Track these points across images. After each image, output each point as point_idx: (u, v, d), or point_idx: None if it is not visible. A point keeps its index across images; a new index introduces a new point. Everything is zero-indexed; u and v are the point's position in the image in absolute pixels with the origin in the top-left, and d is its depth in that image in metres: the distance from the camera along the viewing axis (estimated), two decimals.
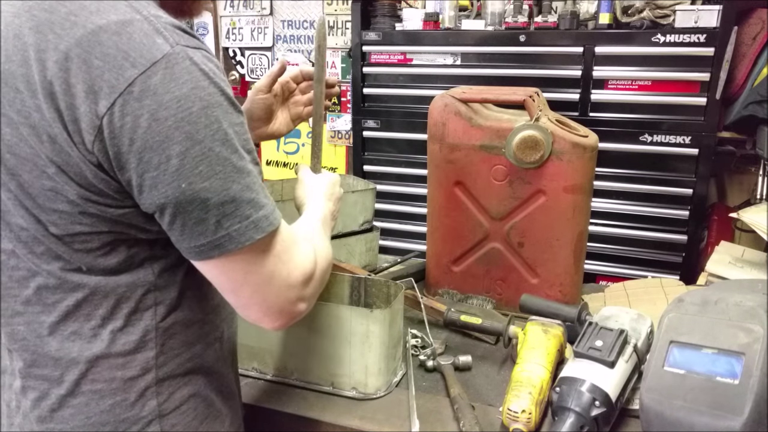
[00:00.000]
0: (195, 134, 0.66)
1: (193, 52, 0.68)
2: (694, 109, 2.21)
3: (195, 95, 0.66)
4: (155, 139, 0.65)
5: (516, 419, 0.98)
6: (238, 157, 0.70)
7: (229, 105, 0.70)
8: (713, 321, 0.94)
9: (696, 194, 2.26)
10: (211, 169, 0.68)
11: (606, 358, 1.00)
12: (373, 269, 1.65)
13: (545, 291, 1.42)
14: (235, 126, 0.70)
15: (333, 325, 1.11)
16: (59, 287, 0.74)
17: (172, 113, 0.65)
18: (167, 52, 0.66)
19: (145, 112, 0.64)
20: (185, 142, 0.66)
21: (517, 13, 2.38)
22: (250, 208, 0.71)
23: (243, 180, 0.70)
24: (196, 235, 0.70)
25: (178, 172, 0.66)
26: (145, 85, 0.64)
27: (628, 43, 2.24)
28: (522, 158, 1.34)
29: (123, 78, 0.64)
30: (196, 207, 0.68)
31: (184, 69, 0.66)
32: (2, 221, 0.74)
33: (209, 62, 0.70)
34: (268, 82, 1.17)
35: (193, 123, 0.66)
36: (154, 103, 0.64)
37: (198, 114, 0.66)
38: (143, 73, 0.64)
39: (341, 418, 1.07)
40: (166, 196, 0.67)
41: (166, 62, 0.65)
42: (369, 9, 2.66)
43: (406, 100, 2.61)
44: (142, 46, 0.65)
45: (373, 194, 1.63)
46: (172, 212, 0.69)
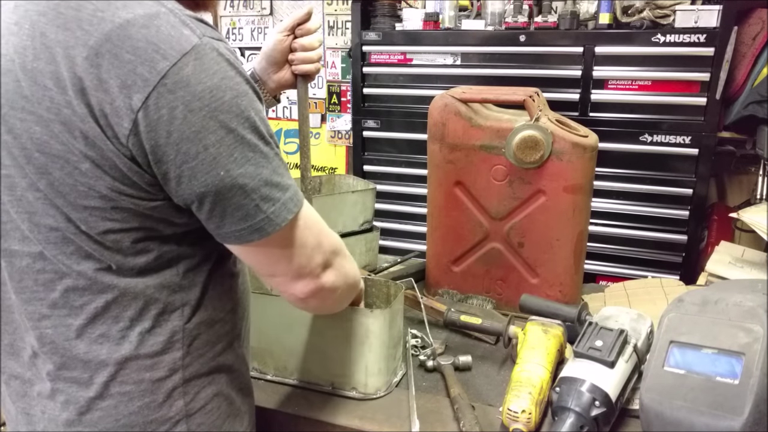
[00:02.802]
0: (228, 123, 0.68)
1: (217, 44, 0.70)
2: (694, 109, 2.21)
3: (225, 85, 0.68)
4: (192, 130, 0.67)
5: (516, 419, 0.98)
6: (264, 143, 0.73)
7: (254, 94, 0.73)
8: (713, 321, 0.94)
9: (696, 194, 2.26)
10: (245, 156, 0.70)
11: (606, 358, 1.00)
12: (373, 269, 1.65)
13: (545, 291, 1.42)
14: (260, 113, 0.73)
15: (333, 325, 1.11)
16: (88, 288, 0.74)
17: (206, 103, 0.67)
18: (196, 44, 0.67)
19: (179, 104, 0.66)
20: (220, 131, 0.68)
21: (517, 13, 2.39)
22: (279, 190, 0.74)
23: (271, 164, 0.73)
24: (237, 220, 0.72)
25: (216, 161, 0.68)
26: (177, 77, 0.65)
27: (628, 43, 2.24)
28: (522, 158, 1.34)
29: (155, 71, 0.65)
30: (236, 193, 0.71)
31: (213, 60, 0.68)
32: (30, 223, 0.73)
33: (231, 53, 0.72)
34: (292, 25, 1.12)
35: (226, 112, 0.68)
36: (188, 95, 0.66)
37: (229, 103, 0.68)
38: (175, 64, 0.65)
39: (341, 418, 1.07)
40: (206, 184, 0.69)
41: (196, 53, 0.66)
42: (369, 9, 2.66)
43: (406, 100, 2.61)
44: (171, 38, 0.66)
45: (373, 194, 1.64)
46: (212, 200, 0.71)
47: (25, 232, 0.73)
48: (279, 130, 3.46)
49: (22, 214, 0.73)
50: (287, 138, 3.45)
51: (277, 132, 3.46)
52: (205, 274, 0.82)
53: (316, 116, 3.29)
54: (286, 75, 1.15)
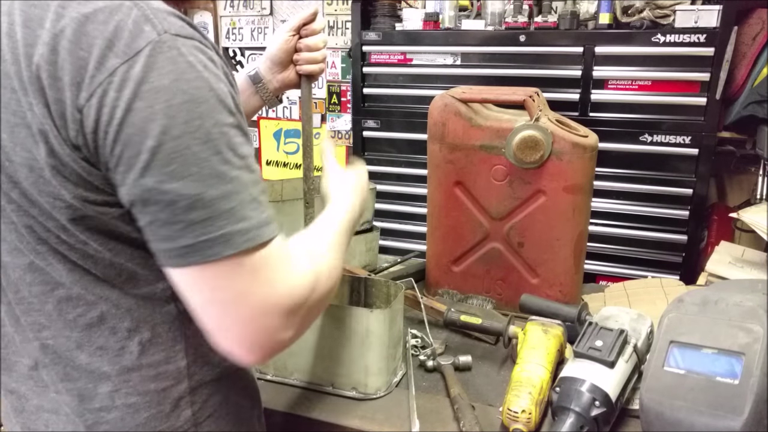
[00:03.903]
0: (170, 129, 0.61)
1: (183, 42, 0.63)
2: (694, 109, 2.21)
3: (176, 88, 0.61)
4: (127, 132, 0.61)
5: (516, 419, 0.98)
6: (221, 161, 0.63)
7: (218, 102, 0.64)
8: (713, 321, 0.94)
9: (696, 194, 2.26)
10: (185, 170, 0.61)
11: (606, 358, 1.00)
12: (373, 269, 1.65)
13: (545, 291, 1.42)
14: (222, 126, 0.64)
15: (333, 325, 1.11)
16: (81, 299, 0.72)
17: (147, 104, 0.60)
18: (152, 40, 0.61)
19: (121, 103, 0.60)
20: (160, 136, 0.60)
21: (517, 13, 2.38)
22: (224, 219, 0.63)
23: (222, 186, 0.63)
24: (162, 238, 0.64)
25: (146, 168, 0.61)
26: (125, 75, 0.60)
27: (628, 43, 2.24)
28: (522, 158, 1.34)
29: (105, 68, 0.60)
30: (163, 208, 0.62)
31: (169, 59, 0.61)
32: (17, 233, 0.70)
33: (201, 54, 0.65)
34: (297, 25, 1.11)
35: (171, 117, 0.61)
36: (131, 94, 0.60)
37: (177, 108, 0.61)
38: (125, 62, 0.60)
39: (341, 418, 1.07)
40: (132, 192, 0.63)
41: (150, 51, 0.61)
42: (369, 9, 2.66)
43: (406, 100, 2.61)
44: (128, 35, 0.61)
45: (373, 194, 1.63)
46: (139, 210, 0.64)
47: (14, 243, 0.70)
48: (279, 131, 3.46)
49: (8, 225, 0.70)
50: (287, 138, 3.45)
51: (277, 132, 3.46)
52: None
53: (316, 116, 3.29)
54: (290, 75, 1.15)
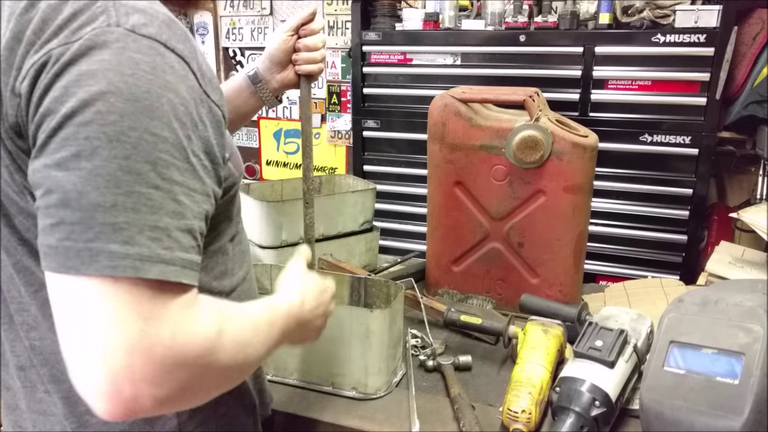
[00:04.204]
0: (78, 113, 0.56)
1: (135, 38, 0.59)
2: (694, 109, 2.21)
3: (104, 77, 0.56)
4: (41, 112, 0.58)
5: (516, 419, 0.98)
6: (126, 169, 0.56)
7: (156, 111, 0.58)
8: (713, 321, 0.94)
9: (696, 194, 2.26)
10: (75, 162, 0.55)
11: (606, 358, 1.00)
12: (373, 269, 1.65)
13: (545, 291, 1.42)
14: (152, 137, 0.57)
15: (333, 325, 1.11)
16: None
17: (64, 84, 0.57)
18: (97, 29, 0.58)
19: (42, 84, 0.58)
20: (62, 119, 0.56)
21: (517, 13, 2.38)
22: (99, 232, 0.55)
23: (113, 195, 0.55)
24: (39, 230, 0.58)
25: (41, 148, 0.57)
26: (57, 58, 0.57)
27: (628, 43, 2.24)
28: (522, 158, 1.34)
29: (42, 50, 0.58)
30: (42, 196, 0.57)
31: (111, 51, 0.57)
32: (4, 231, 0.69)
33: (158, 56, 0.59)
34: (296, 25, 1.11)
35: (84, 102, 0.56)
36: (53, 74, 0.57)
37: (95, 95, 0.56)
38: (62, 45, 0.57)
39: (341, 418, 1.07)
40: (30, 173, 0.59)
41: (91, 37, 0.57)
42: (369, 9, 2.66)
43: (406, 100, 2.60)
44: (78, 23, 0.58)
45: (373, 194, 1.64)
46: (37, 193, 0.58)
47: (4, 241, 0.70)
48: (279, 131, 3.46)
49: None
50: (287, 138, 3.45)
51: (277, 132, 3.46)
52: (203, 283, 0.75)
53: (316, 116, 3.29)
54: (289, 75, 1.14)
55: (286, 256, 1.42)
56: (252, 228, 1.50)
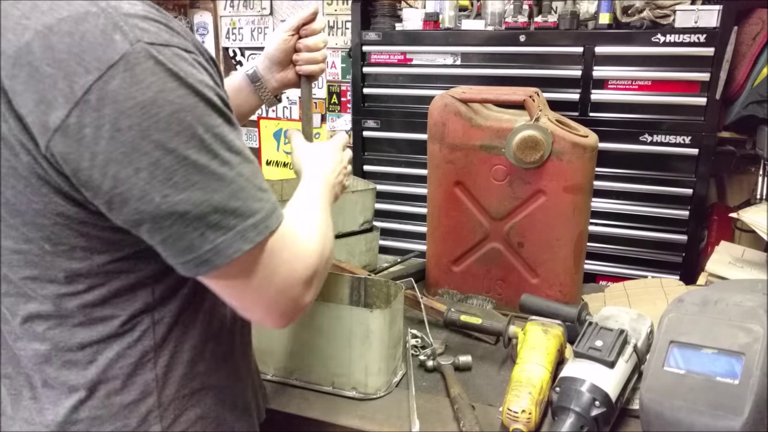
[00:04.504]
0: (166, 142, 0.60)
1: (159, 50, 0.61)
2: (694, 109, 2.21)
3: (162, 99, 0.60)
4: (120, 151, 0.59)
5: (516, 419, 0.98)
6: (220, 163, 0.63)
7: (206, 106, 0.63)
8: (713, 321, 0.94)
9: (696, 194, 2.26)
10: (188, 180, 0.61)
11: (606, 358, 1.00)
12: (373, 269, 1.65)
13: (545, 291, 1.42)
14: (214, 128, 0.64)
15: (333, 325, 1.11)
16: (53, 315, 0.71)
17: (136, 122, 0.59)
18: (126, 52, 0.58)
19: (105, 123, 0.58)
20: (155, 152, 0.60)
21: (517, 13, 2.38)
22: (235, 218, 0.64)
23: (228, 187, 0.64)
24: (180, 251, 0.64)
25: (150, 185, 0.60)
26: (102, 93, 0.58)
27: (628, 43, 2.24)
28: (522, 158, 1.34)
29: (77, 86, 0.58)
30: (175, 221, 0.62)
31: (147, 70, 0.59)
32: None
33: (180, 60, 0.62)
34: (297, 25, 1.10)
35: (163, 130, 0.60)
36: (115, 112, 0.58)
37: (167, 120, 0.60)
38: (99, 78, 0.58)
39: (341, 418, 1.07)
40: (140, 212, 0.62)
41: (126, 64, 0.58)
42: (369, 9, 2.66)
43: (406, 100, 2.60)
44: (98, 47, 0.58)
45: (373, 194, 1.63)
46: (149, 228, 0.63)
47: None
48: (279, 131, 3.46)
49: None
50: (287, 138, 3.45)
51: (277, 132, 3.46)
52: (183, 292, 0.76)
53: (316, 116, 3.29)
54: (289, 75, 1.14)
55: None
56: None
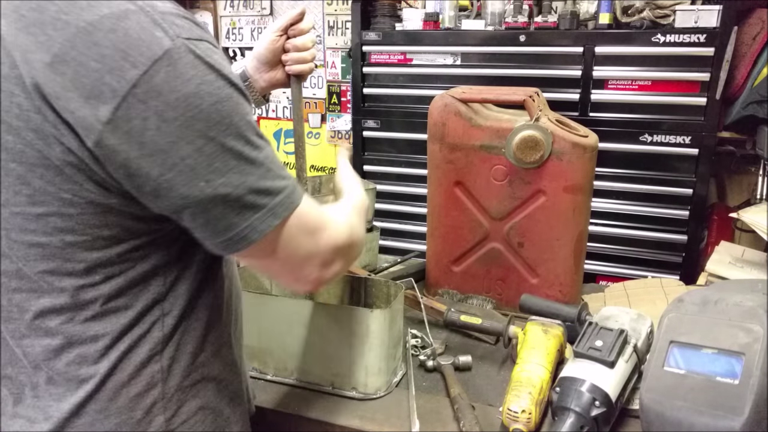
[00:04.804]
0: (207, 131, 0.65)
1: (195, 44, 0.65)
2: (694, 109, 2.21)
3: (203, 91, 0.64)
4: (167, 141, 0.63)
5: (516, 419, 0.98)
6: (251, 148, 0.69)
7: (239, 95, 0.69)
8: (713, 321, 0.94)
9: (696, 194, 2.26)
10: (226, 165, 0.67)
11: (606, 358, 1.00)
12: (373, 269, 1.65)
13: (545, 291, 1.42)
14: (245, 117, 0.69)
15: (333, 325, 1.11)
16: (68, 308, 0.71)
17: (180, 113, 0.63)
18: (168, 48, 0.62)
19: (151, 114, 0.62)
20: (198, 140, 0.64)
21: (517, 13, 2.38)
22: (267, 195, 0.71)
23: (258, 170, 0.70)
24: (220, 230, 0.70)
25: (195, 172, 0.65)
26: (148, 86, 0.61)
27: (628, 43, 2.24)
28: (522, 158, 1.34)
29: (124, 80, 0.61)
30: (217, 204, 0.68)
31: (189, 64, 0.63)
32: (7, 239, 0.69)
33: (214, 53, 0.67)
34: (285, 25, 1.11)
35: (204, 120, 0.64)
36: (161, 104, 0.62)
37: (208, 110, 0.65)
38: (146, 72, 0.61)
39: (341, 418, 1.07)
40: (185, 197, 0.66)
41: (169, 58, 0.62)
42: (369, 9, 2.66)
43: (406, 100, 2.60)
44: (141, 43, 0.62)
45: (373, 194, 1.63)
46: (192, 212, 0.68)
47: (2, 249, 0.70)
48: (279, 131, 3.45)
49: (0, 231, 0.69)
50: (287, 138, 3.45)
51: (277, 132, 3.46)
52: (189, 282, 0.78)
53: (316, 116, 3.29)
54: (277, 75, 1.14)
55: None
56: None
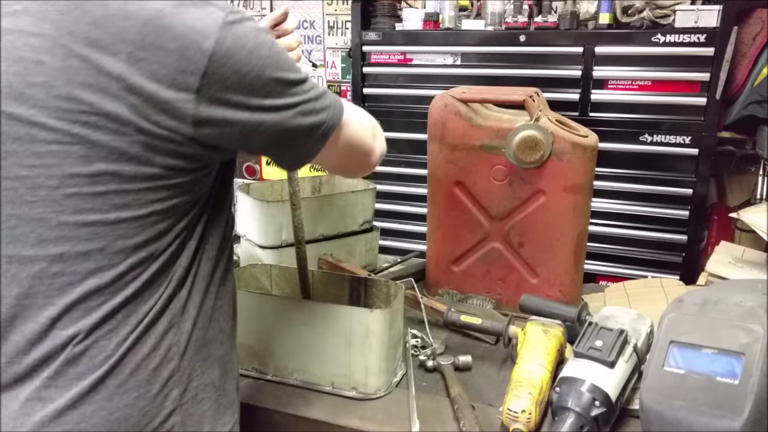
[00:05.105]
0: (273, 73, 0.76)
1: (234, 11, 0.75)
2: (694, 109, 2.21)
3: (259, 42, 0.75)
4: (247, 90, 0.74)
5: (516, 419, 0.98)
6: (296, 72, 0.81)
7: (272, 38, 0.79)
8: (713, 321, 0.94)
9: (696, 194, 2.26)
10: (295, 93, 0.80)
11: (606, 358, 1.00)
12: (373, 269, 1.65)
13: (545, 291, 1.42)
14: (285, 52, 0.80)
15: (333, 325, 1.11)
16: (111, 286, 0.74)
17: (253, 65, 0.74)
18: (224, 17, 0.73)
19: (230, 74, 0.72)
20: (271, 83, 0.76)
21: (517, 13, 2.39)
22: (324, 108, 0.84)
23: (313, 90, 0.83)
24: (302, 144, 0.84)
25: (277, 109, 0.78)
26: (222, 50, 0.71)
27: (628, 43, 2.24)
28: (522, 158, 1.34)
29: (201, 51, 0.70)
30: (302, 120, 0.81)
31: (241, 25, 0.74)
32: (58, 221, 0.71)
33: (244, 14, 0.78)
34: (268, 26, 1.13)
35: (269, 66, 0.76)
36: (236, 63, 0.72)
37: (266, 57, 0.76)
38: (216, 41, 0.71)
39: (341, 418, 1.07)
40: (275, 127, 0.79)
41: (228, 25, 0.72)
42: (369, 9, 2.66)
43: (406, 100, 2.61)
44: (205, 18, 0.71)
45: (373, 194, 1.64)
46: (282, 139, 0.81)
47: (42, 234, 0.72)
48: None
49: (48, 213, 0.71)
50: None
51: None
52: (208, 260, 0.83)
53: None
54: None
55: (286, 256, 1.42)
56: (252, 228, 1.50)
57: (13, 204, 0.71)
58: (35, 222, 0.71)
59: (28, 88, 0.69)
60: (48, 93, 0.68)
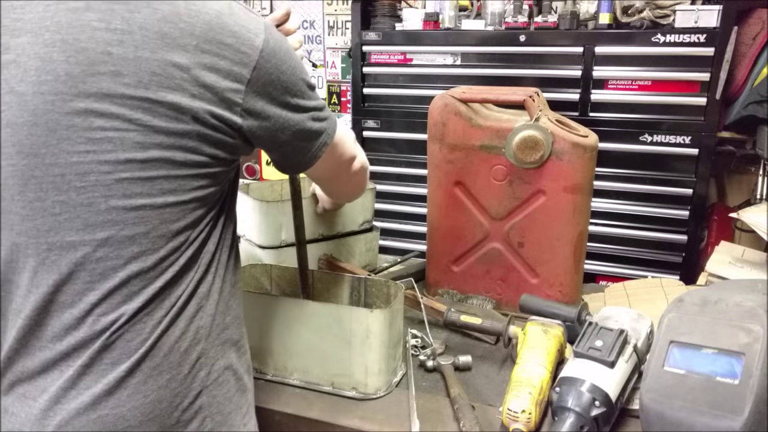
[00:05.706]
0: (301, 73, 0.86)
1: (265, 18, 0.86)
2: (694, 109, 2.22)
3: (289, 47, 0.85)
4: (283, 86, 0.83)
5: (516, 419, 0.98)
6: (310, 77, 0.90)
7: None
8: (713, 321, 0.94)
9: (696, 194, 2.26)
10: (312, 96, 0.89)
11: (606, 358, 1.00)
12: (373, 269, 1.65)
13: (545, 291, 1.42)
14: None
15: (333, 325, 1.11)
16: (152, 270, 0.76)
17: (289, 64, 0.83)
18: (264, 22, 0.83)
19: (273, 69, 0.81)
20: (299, 82, 0.85)
21: (517, 13, 2.39)
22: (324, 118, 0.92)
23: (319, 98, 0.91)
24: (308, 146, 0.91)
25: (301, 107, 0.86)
26: (269, 48, 0.80)
27: (628, 43, 2.24)
28: (522, 158, 1.34)
29: (254, 47, 0.79)
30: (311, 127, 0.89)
31: (275, 30, 0.84)
32: (106, 205, 0.73)
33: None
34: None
35: (298, 66, 0.86)
36: (278, 60, 0.81)
37: (296, 59, 0.86)
38: (264, 39, 0.80)
39: (341, 418, 1.07)
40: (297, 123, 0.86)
41: (269, 28, 0.82)
42: (369, 9, 2.66)
43: (406, 100, 2.61)
44: (251, 20, 0.81)
45: (373, 194, 1.63)
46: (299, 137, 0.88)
47: (89, 219, 0.73)
48: None
49: (97, 198, 0.72)
50: None
51: None
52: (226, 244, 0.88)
53: None
54: None
55: (286, 256, 1.42)
56: (252, 228, 1.49)
57: (59, 190, 0.73)
58: (82, 207, 0.73)
59: (92, 77, 0.71)
60: (116, 82, 0.71)
